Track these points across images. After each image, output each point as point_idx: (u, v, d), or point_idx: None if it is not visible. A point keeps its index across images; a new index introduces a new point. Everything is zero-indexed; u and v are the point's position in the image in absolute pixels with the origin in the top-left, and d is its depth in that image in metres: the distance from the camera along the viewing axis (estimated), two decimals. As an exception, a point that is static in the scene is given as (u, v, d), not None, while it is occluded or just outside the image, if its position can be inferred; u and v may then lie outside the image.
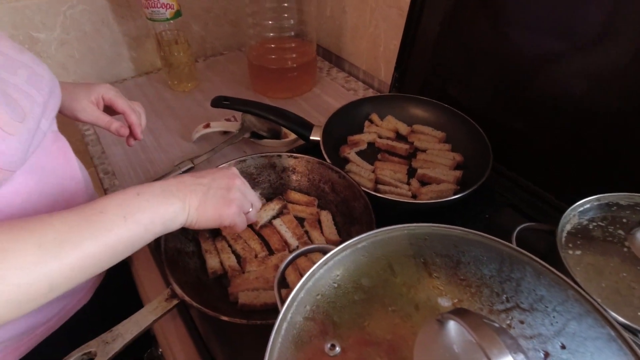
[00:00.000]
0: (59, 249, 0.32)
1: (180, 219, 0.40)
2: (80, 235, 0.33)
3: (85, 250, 0.33)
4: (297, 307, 0.31)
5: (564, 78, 0.60)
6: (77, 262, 0.33)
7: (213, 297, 0.49)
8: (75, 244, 0.33)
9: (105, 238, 0.34)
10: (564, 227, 0.46)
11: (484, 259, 0.33)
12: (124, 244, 0.36)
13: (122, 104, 0.60)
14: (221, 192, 0.43)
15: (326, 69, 1.09)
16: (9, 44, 0.44)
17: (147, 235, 0.38)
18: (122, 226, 0.35)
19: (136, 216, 0.36)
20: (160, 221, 0.38)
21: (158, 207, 0.38)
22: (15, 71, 0.42)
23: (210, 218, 0.42)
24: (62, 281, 0.33)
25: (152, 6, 0.82)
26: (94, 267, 0.34)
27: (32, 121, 0.40)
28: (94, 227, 0.34)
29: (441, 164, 0.69)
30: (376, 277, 0.32)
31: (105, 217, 0.35)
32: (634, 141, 0.54)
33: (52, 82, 0.47)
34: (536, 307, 0.29)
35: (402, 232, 0.37)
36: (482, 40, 0.70)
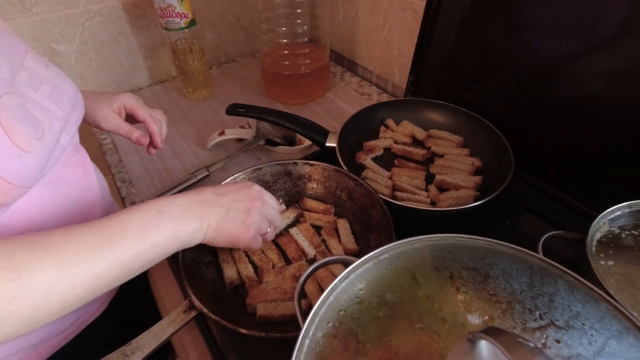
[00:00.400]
0: (77, 269, 0.32)
1: (198, 237, 0.40)
2: (97, 256, 0.33)
3: (102, 269, 0.33)
4: (319, 323, 0.30)
5: (586, 79, 0.58)
6: (91, 281, 0.33)
7: (231, 308, 0.48)
8: (93, 264, 0.33)
9: (122, 258, 0.34)
10: (593, 236, 0.44)
11: (512, 272, 0.32)
12: (139, 262, 0.36)
13: (143, 113, 0.61)
14: (241, 216, 0.43)
15: (339, 74, 1.09)
16: (36, 59, 0.44)
17: (163, 254, 0.38)
18: (141, 246, 0.35)
19: (155, 237, 0.36)
20: (178, 240, 0.38)
21: (177, 227, 0.38)
22: (39, 87, 0.42)
23: (227, 240, 0.43)
24: (75, 300, 0.33)
25: (167, 16, 0.83)
26: (107, 285, 0.34)
27: (50, 137, 0.41)
28: (112, 246, 0.34)
29: (460, 170, 0.68)
30: (401, 292, 0.31)
31: (124, 235, 0.35)
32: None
33: (74, 96, 0.48)
34: (572, 324, 0.28)
35: (426, 243, 0.36)
36: (499, 42, 0.68)
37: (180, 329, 0.43)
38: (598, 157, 0.59)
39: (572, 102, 0.61)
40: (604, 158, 0.58)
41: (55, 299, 0.31)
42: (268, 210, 0.47)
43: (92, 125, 0.59)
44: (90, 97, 0.58)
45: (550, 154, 0.66)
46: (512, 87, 0.69)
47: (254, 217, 0.44)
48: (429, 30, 0.77)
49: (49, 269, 0.30)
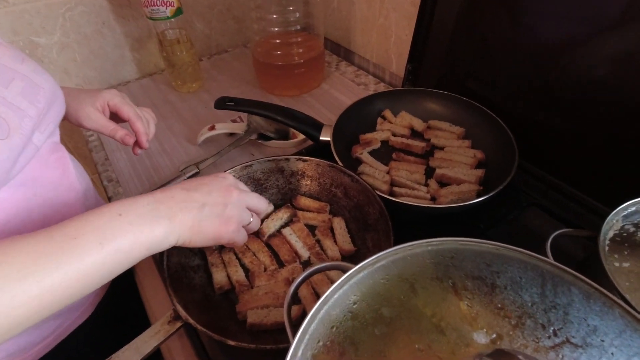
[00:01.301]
0: (19, 285, 0.28)
1: (170, 240, 0.36)
2: (45, 268, 0.29)
3: (50, 284, 0.29)
4: (309, 341, 0.28)
5: (592, 64, 0.54)
6: (37, 298, 0.29)
7: (220, 316, 0.46)
8: (39, 277, 0.29)
9: (76, 269, 0.30)
10: (606, 234, 0.41)
11: (522, 281, 0.29)
12: (99, 272, 0.32)
13: (127, 111, 0.57)
14: (217, 209, 0.39)
15: (335, 63, 1.05)
16: (9, 52, 0.42)
17: (128, 261, 0.34)
18: (98, 254, 0.31)
19: (115, 242, 0.32)
20: (145, 246, 0.34)
21: (142, 230, 0.34)
22: (8, 83, 0.40)
23: (207, 238, 0.39)
24: (20, 320, 0.29)
25: (151, 4, 0.79)
26: (58, 302, 0.31)
27: (18, 137, 0.38)
28: (65, 255, 0.30)
29: (461, 163, 0.65)
30: (398, 306, 0.28)
31: (78, 243, 0.31)
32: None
33: (52, 92, 0.45)
34: (590, 341, 0.25)
35: (425, 248, 0.33)
36: (501, 27, 0.64)
37: (164, 341, 0.40)
38: (607, 148, 0.56)
39: (579, 88, 0.57)
40: (614, 149, 0.55)
41: (3, 313, 0.27)
42: (247, 198, 0.43)
43: (75, 124, 0.56)
44: (72, 95, 0.55)
45: (556, 144, 0.63)
46: (515, 74, 0.66)
47: (233, 209, 0.40)
48: (428, 16, 0.73)
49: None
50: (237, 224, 0.41)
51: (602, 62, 0.53)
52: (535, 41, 0.60)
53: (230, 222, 0.40)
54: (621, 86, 0.52)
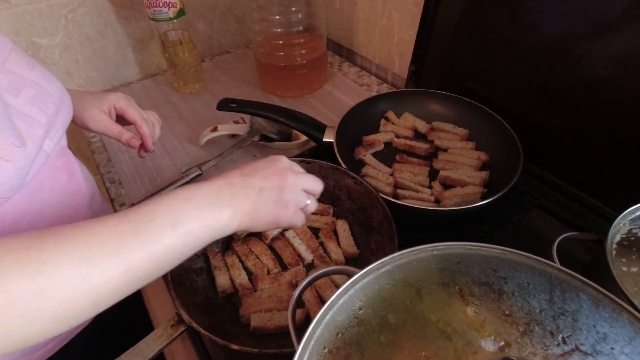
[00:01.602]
0: (106, 261, 0.29)
1: (232, 225, 0.36)
2: (128, 247, 0.30)
3: (132, 262, 0.30)
4: (314, 347, 0.27)
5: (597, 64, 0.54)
6: (122, 274, 0.29)
7: (224, 320, 0.45)
8: (124, 255, 0.29)
9: (153, 248, 0.31)
10: (613, 238, 0.41)
11: (530, 287, 0.29)
12: (171, 254, 0.32)
13: (133, 114, 0.57)
14: (275, 194, 0.38)
15: (337, 64, 1.04)
16: (20, 59, 0.42)
17: (196, 244, 0.34)
18: (171, 236, 0.32)
19: (186, 225, 0.32)
20: (211, 229, 0.34)
21: (209, 214, 0.34)
22: (19, 92, 0.40)
23: (266, 222, 0.38)
24: (107, 295, 0.29)
25: (154, 5, 0.79)
26: (139, 280, 0.31)
27: (32, 145, 0.39)
28: (142, 236, 0.31)
29: (465, 165, 0.64)
30: (404, 312, 0.27)
31: (155, 224, 0.31)
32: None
33: (61, 98, 0.45)
34: (600, 349, 0.25)
35: (431, 253, 0.32)
36: (504, 28, 0.64)
37: (167, 345, 0.40)
38: (611, 149, 0.55)
39: (581, 88, 0.57)
40: (618, 150, 0.55)
41: (85, 293, 0.28)
42: (302, 180, 0.41)
43: (80, 127, 0.56)
44: (78, 97, 0.54)
45: (559, 145, 0.62)
46: (519, 75, 0.65)
47: (290, 193, 0.40)
48: (431, 16, 0.73)
49: (76, 260, 0.28)
50: (294, 208, 0.40)
51: (604, 61, 0.53)
52: (537, 41, 0.60)
53: (287, 206, 0.39)
54: (625, 85, 0.52)
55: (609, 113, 0.55)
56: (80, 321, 0.29)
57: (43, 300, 0.26)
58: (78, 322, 0.29)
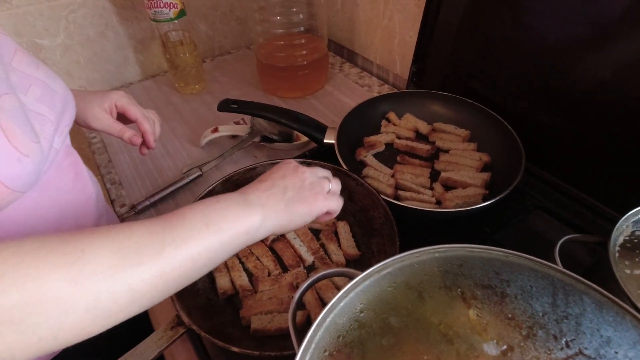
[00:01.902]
0: (138, 254, 0.28)
1: (266, 226, 0.36)
2: (161, 241, 0.30)
3: (166, 258, 0.29)
4: (315, 350, 0.27)
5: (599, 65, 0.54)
6: (157, 270, 0.29)
7: (224, 322, 0.45)
8: (155, 249, 0.29)
9: (187, 245, 0.31)
10: (616, 240, 0.40)
11: (533, 290, 0.28)
12: (206, 254, 0.32)
13: (135, 112, 0.58)
14: (298, 187, 0.39)
15: (338, 65, 1.04)
16: (26, 58, 0.42)
17: (230, 247, 0.34)
18: (205, 233, 0.32)
19: (219, 224, 0.33)
20: (244, 230, 0.34)
21: (240, 215, 0.34)
22: (27, 90, 0.40)
23: (302, 214, 0.38)
24: (144, 292, 0.29)
25: (155, 6, 0.79)
26: (175, 280, 0.31)
27: (45, 142, 0.39)
28: (175, 232, 0.31)
29: (466, 166, 0.64)
30: (406, 315, 0.27)
31: (187, 222, 0.32)
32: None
33: (65, 97, 0.46)
34: (603, 353, 0.24)
35: (433, 255, 0.32)
36: (506, 28, 0.64)
37: (167, 347, 0.40)
38: (612, 150, 0.55)
39: (583, 89, 0.56)
40: (619, 150, 0.54)
41: (121, 288, 0.27)
42: (316, 170, 0.43)
43: (83, 126, 0.57)
44: (80, 96, 0.55)
45: (561, 146, 0.62)
46: (520, 75, 0.65)
47: (312, 182, 0.41)
48: (433, 17, 0.73)
49: (107, 254, 0.27)
50: (322, 194, 0.40)
51: (606, 62, 0.53)
52: (538, 41, 0.60)
53: (315, 194, 0.40)
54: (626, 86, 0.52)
55: (610, 113, 0.55)
56: (114, 321, 0.28)
57: (78, 291, 0.26)
58: (112, 322, 0.28)
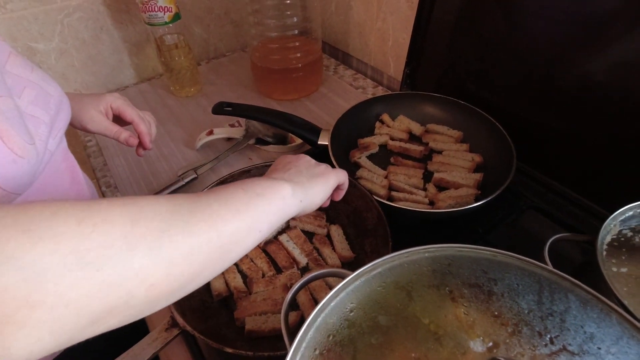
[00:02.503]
0: (186, 223, 0.27)
1: (295, 199, 0.35)
2: (207, 208, 0.28)
3: (212, 235, 0.28)
4: (305, 349, 0.27)
5: (591, 66, 0.55)
6: (201, 246, 0.27)
7: (219, 323, 0.46)
8: (203, 217, 0.28)
9: (231, 211, 0.30)
10: (604, 239, 0.41)
11: (519, 288, 0.29)
12: (250, 218, 0.31)
13: (130, 113, 0.59)
14: (308, 167, 0.41)
15: (333, 67, 1.05)
16: (20, 61, 0.43)
17: (271, 214, 0.33)
18: (242, 196, 0.31)
19: (256, 189, 0.32)
20: (279, 196, 0.34)
21: (271, 184, 0.34)
22: (22, 92, 0.41)
23: (322, 189, 0.39)
24: (182, 266, 0.26)
25: (149, 10, 0.79)
26: (212, 260, 0.29)
27: (40, 144, 0.40)
28: (219, 198, 0.30)
29: (459, 166, 0.65)
30: (395, 314, 0.28)
31: (226, 191, 0.31)
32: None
33: (60, 99, 0.46)
34: (587, 349, 0.25)
35: (423, 255, 0.33)
36: (499, 30, 0.64)
37: (162, 349, 0.40)
38: (606, 151, 0.56)
39: (576, 90, 0.57)
40: (613, 151, 0.55)
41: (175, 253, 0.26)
42: (309, 158, 0.44)
43: (79, 128, 0.57)
44: (76, 99, 0.55)
45: (554, 146, 0.63)
46: (514, 77, 0.66)
47: (314, 163, 0.43)
48: (425, 19, 0.74)
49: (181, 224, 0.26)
50: (328, 168, 0.42)
51: (598, 62, 0.54)
52: (531, 43, 0.60)
53: (324, 169, 0.42)
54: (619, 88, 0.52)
55: (602, 115, 0.55)
56: (177, 294, 0.27)
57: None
58: (177, 293, 0.27)
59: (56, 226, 0.22)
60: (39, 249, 0.20)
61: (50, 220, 0.22)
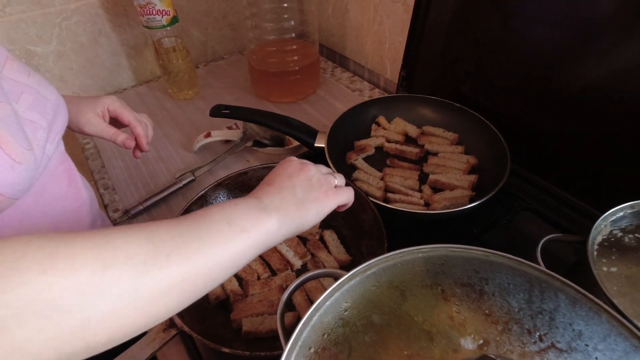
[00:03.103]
0: (166, 258, 0.26)
1: (283, 230, 0.35)
2: (192, 248, 0.28)
3: (196, 265, 0.28)
4: (301, 348, 0.28)
5: (585, 70, 0.55)
6: (187, 276, 0.27)
7: (216, 324, 0.46)
8: (187, 256, 0.27)
9: (213, 247, 0.29)
10: (594, 239, 0.42)
11: (510, 287, 0.30)
12: (229, 255, 0.30)
13: (127, 116, 0.59)
14: (306, 185, 0.38)
15: (330, 70, 1.06)
16: (17, 66, 0.43)
17: (251, 249, 0.32)
18: (225, 232, 0.30)
19: (241, 224, 0.31)
20: (264, 231, 0.33)
21: (259, 219, 0.33)
22: (19, 97, 0.41)
23: (314, 214, 0.37)
24: (154, 307, 0.26)
25: (147, 13, 0.80)
26: (200, 288, 0.29)
27: (37, 149, 0.40)
28: (201, 233, 0.29)
29: (454, 168, 0.65)
30: (389, 313, 0.28)
31: (210, 222, 0.30)
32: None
33: (57, 103, 0.46)
34: (575, 346, 0.25)
35: (417, 255, 0.33)
36: (494, 33, 0.65)
37: (160, 349, 0.40)
38: (600, 154, 0.57)
39: (571, 94, 0.58)
40: (606, 155, 0.56)
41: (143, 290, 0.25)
42: (319, 167, 0.42)
43: (76, 131, 0.58)
44: (73, 102, 0.56)
45: (549, 150, 0.63)
46: (509, 80, 0.67)
47: (317, 179, 0.40)
48: (421, 23, 0.74)
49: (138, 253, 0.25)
50: (331, 190, 0.40)
51: (592, 66, 0.54)
52: (527, 46, 0.61)
53: (325, 191, 0.39)
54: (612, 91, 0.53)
55: (596, 118, 0.56)
56: (140, 327, 0.26)
57: (109, 277, 0.24)
58: (138, 327, 0.26)
59: (18, 275, 0.21)
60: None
61: (14, 267, 0.22)
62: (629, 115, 0.52)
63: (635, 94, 0.51)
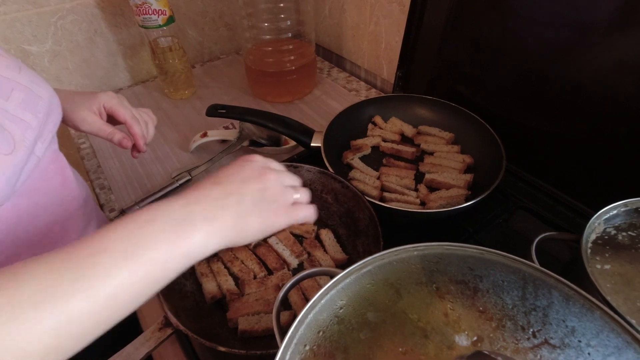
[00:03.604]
0: (35, 311, 0.23)
1: (211, 245, 0.31)
2: (63, 291, 0.24)
3: (72, 310, 0.24)
4: (296, 346, 0.28)
5: (580, 70, 0.56)
6: (62, 325, 0.24)
7: (212, 323, 0.46)
8: (57, 303, 0.24)
9: (100, 291, 0.25)
10: (588, 237, 0.42)
11: (504, 285, 0.30)
12: (128, 293, 0.27)
13: (124, 114, 0.56)
14: (258, 197, 0.33)
15: (326, 70, 1.06)
16: (6, 62, 0.41)
17: (164, 276, 0.29)
18: (126, 271, 0.26)
19: (147, 255, 0.27)
20: (183, 254, 0.29)
21: (178, 237, 0.29)
22: (9, 95, 0.39)
23: (256, 231, 0.33)
24: (48, 350, 0.24)
25: (143, 13, 0.80)
26: (90, 328, 0.26)
27: (22, 150, 0.38)
28: (85, 277, 0.25)
29: (450, 167, 0.66)
30: (383, 310, 0.28)
31: (100, 260, 0.26)
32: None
33: (50, 101, 0.45)
34: (568, 342, 0.26)
35: (412, 253, 0.33)
36: (491, 33, 0.66)
37: (155, 348, 0.40)
38: (594, 153, 0.57)
39: (566, 93, 0.58)
40: (600, 154, 0.56)
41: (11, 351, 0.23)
42: (283, 176, 0.37)
43: (71, 127, 0.55)
44: (68, 97, 0.53)
45: (544, 149, 0.64)
46: (504, 79, 0.67)
47: (274, 192, 0.35)
48: (417, 23, 0.75)
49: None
50: (283, 208, 0.35)
51: (589, 67, 0.55)
52: (523, 46, 0.61)
53: (275, 209, 0.34)
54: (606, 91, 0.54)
55: (590, 117, 0.57)
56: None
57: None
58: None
59: None
60: None
61: None
62: (622, 115, 0.53)
63: (629, 94, 0.51)
